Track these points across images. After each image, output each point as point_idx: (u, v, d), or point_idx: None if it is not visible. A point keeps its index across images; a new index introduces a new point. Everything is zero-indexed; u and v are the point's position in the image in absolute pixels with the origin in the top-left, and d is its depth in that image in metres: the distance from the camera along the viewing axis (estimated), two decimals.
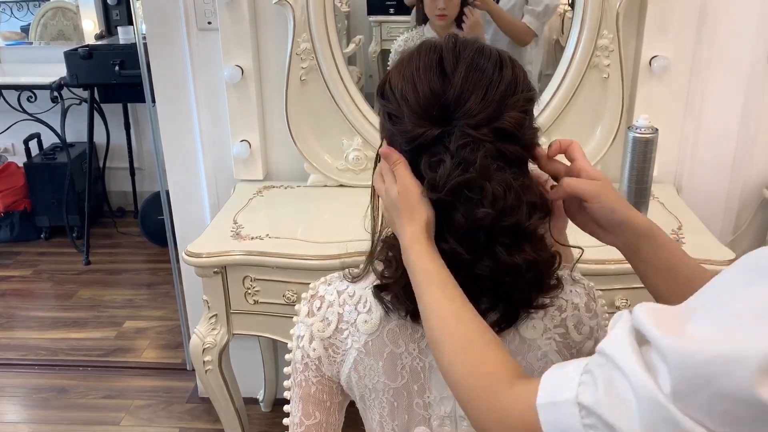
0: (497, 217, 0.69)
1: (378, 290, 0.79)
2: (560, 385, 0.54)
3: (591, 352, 0.84)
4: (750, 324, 0.42)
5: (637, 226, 0.75)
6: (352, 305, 0.82)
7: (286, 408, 0.88)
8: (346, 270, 0.85)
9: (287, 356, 0.88)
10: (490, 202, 0.69)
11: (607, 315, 0.87)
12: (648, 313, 0.49)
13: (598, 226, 0.78)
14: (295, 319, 0.87)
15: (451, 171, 0.69)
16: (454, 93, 0.71)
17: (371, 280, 0.82)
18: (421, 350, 0.80)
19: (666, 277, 0.75)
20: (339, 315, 0.82)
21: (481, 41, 0.75)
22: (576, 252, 0.82)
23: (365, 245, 0.84)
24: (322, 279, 0.87)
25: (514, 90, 0.72)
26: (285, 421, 0.87)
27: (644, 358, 0.47)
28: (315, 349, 0.83)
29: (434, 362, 0.79)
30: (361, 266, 0.85)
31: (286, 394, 0.88)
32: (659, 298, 0.76)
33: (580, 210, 0.78)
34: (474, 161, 0.69)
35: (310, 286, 0.87)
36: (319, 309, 0.83)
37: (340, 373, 0.83)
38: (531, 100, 0.74)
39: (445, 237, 0.72)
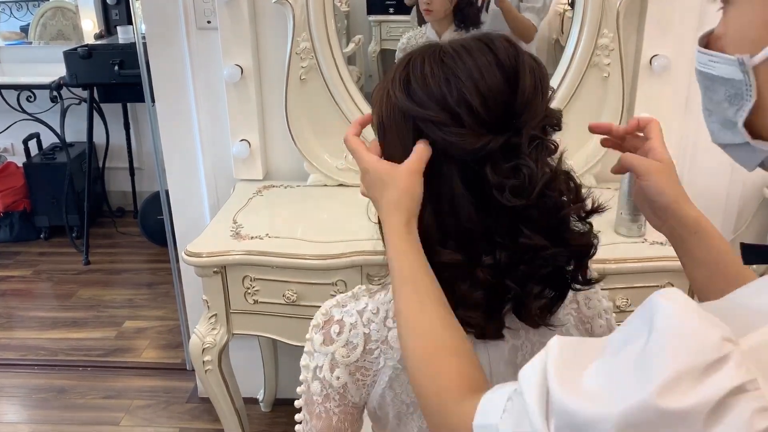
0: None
1: None
2: (490, 410, 0.56)
3: (602, 333, 0.85)
4: (620, 381, 0.46)
5: (683, 216, 0.75)
6: (379, 322, 0.77)
7: (298, 428, 0.84)
8: (357, 288, 0.81)
9: (299, 389, 0.82)
10: (565, 195, 0.71)
11: (605, 293, 0.89)
12: (557, 357, 0.51)
13: (647, 207, 0.79)
14: (307, 349, 0.81)
15: (535, 174, 0.69)
16: (522, 100, 0.69)
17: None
18: None
19: (706, 274, 0.75)
20: (365, 336, 0.77)
21: (512, 38, 0.74)
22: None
23: (365, 245, 0.82)
24: (333, 302, 0.81)
25: (547, 84, 0.73)
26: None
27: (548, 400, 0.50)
28: (339, 378, 0.78)
29: None
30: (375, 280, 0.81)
31: (296, 404, 0.84)
32: (696, 289, 0.77)
33: (638, 189, 0.79)
34: (546, 161, 0.71)
35: (321, 311, 0.81)
36: (339, 334, 0.78)
37: (371, 395, 0.79)
38: (552, 91, 0.75)
39: (521, 231, 0.70)
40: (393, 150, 0.75)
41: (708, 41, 0.60)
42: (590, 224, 0.76)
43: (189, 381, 2.33)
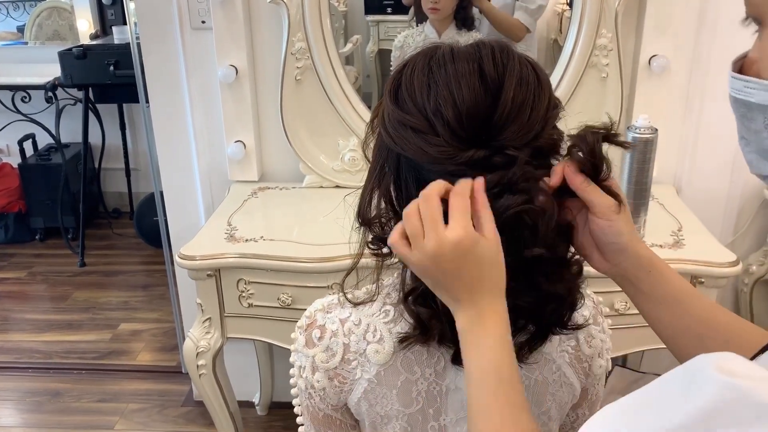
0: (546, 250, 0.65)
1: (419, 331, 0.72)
2: None
3: (600, 374, 0.82)
4: None
5: (639, 256, 0.69)
6: (359, 335, 0.75)
7: (300, 430, 0.85)
8: (342, 295, 0.78)
9: (292, 381, 0.83)
10: (541, 235, 0.64)
11: (610, 332, 0.85)
12: None
13: (594, 249, 0.70)
14: (292, 347, 0.81)
15: (512, 200, 0.63)
16: (502, 116, 0.63)
17: (378, 306, 0.77)
18: (437, 374, 0.76)
19: (668, 311, 0.70)
20: (345, 345, 0.76)
21: (513, 48, 0.67)
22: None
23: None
24: (318, 305, 0.80)
25: (548, 103, 0.66)
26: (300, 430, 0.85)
27: None
28: (319, 381, 0.77)
29: (451, 384, 0.76)
30: (365, 289, 0.79)
31: (293, 393, 0.85)
32: (663, 335, 0.71)
33: (581, 226, 0.70)
34: (525, 188, 0.63)
35: (305, 313, 0.80)
36: (320, 339, 0.77)
37: (348, 400, 0.78)
38: (557, 114, 0.68)
39: None
40: (375, 153, 0.73)
41: (742, 66, 0.56)
42: (571, 273, 0.69)
43: (184, 384, 2.31)
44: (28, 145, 3.45)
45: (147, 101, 1.91)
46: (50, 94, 3.10)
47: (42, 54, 3.60)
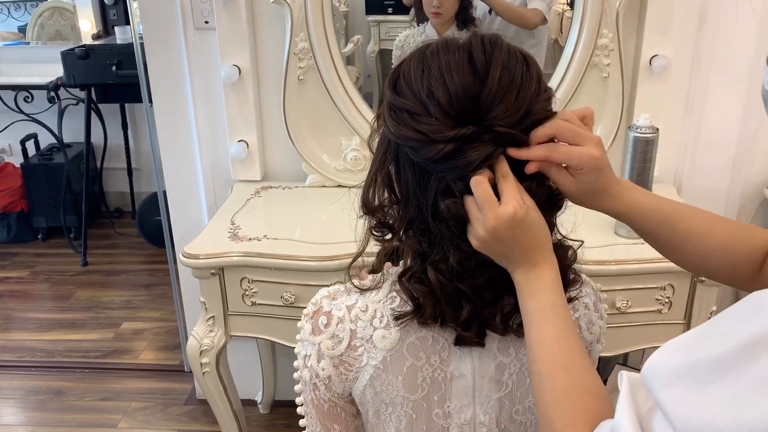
0: None
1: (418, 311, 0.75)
2: None
3: (597, 359, 0.85)
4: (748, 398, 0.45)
5: (613, 207, 0.76)
6: (366, 320, 0.77)
7: (301, 422, 0.86)
8: (349, 282, 0.80)
9: (295, 375, 0.84)
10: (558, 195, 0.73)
11: (606, 317, 0.87)
12: (659, 376, 0.51)
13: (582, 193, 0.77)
14: (298, 336, 0.82)
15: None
16: (489, 95, 0.67)
17: (384, 292, 0.78)
18: (442, 360, 0.77)
19: (655, 240, 0.79)
20: (351, 331, 0.77)
21: (503, 38, 0.72)
22: (576, 246, 0.80)
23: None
24: (325, 293, 0.81)
25: (538, 90, 0.71)
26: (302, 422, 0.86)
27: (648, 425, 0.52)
28: (324, 369, 0.78)
29: (455, 371, 0.78)
30: (371, 277, 0.80)
31: (296, 389, 0.85)
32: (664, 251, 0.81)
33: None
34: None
35: (312, 301, 0.81)
36: (326, 326, 0.78)
37: (353, 389, 0.80)
38: (549, 100, 0.74)
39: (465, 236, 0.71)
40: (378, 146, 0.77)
41: None
42: (563, 250, 0.76)
43: (187, 383, 2.32)
44: (30, 145, 3.46)
45: (150, 101, 1.92)
46: (53, 94, 3.11)
47: (44, 54, 3.62)
